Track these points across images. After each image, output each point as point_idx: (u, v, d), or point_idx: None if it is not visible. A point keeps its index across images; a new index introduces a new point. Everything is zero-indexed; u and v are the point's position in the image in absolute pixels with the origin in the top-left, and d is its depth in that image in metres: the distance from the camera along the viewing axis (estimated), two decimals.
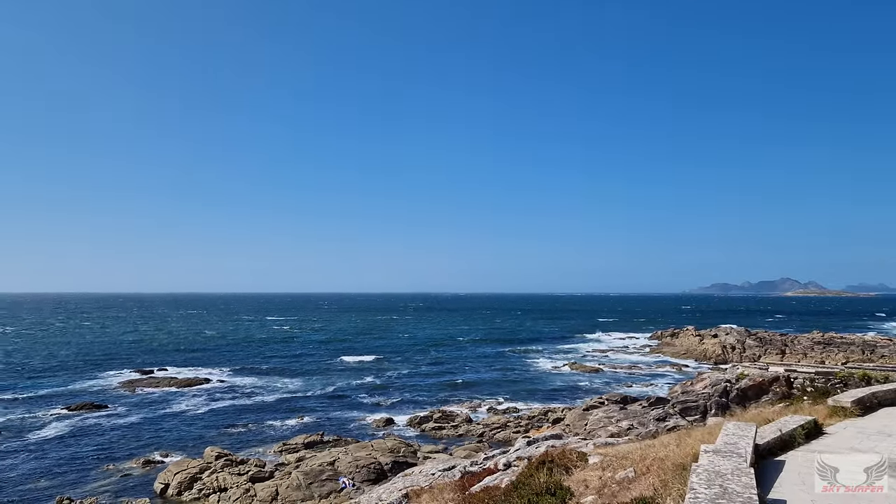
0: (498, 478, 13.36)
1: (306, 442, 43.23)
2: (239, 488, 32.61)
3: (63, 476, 37.22)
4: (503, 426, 48.51)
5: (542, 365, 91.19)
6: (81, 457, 41.48)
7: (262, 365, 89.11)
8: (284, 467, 36.59)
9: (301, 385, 71.49)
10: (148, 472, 37.94)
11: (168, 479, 34.35)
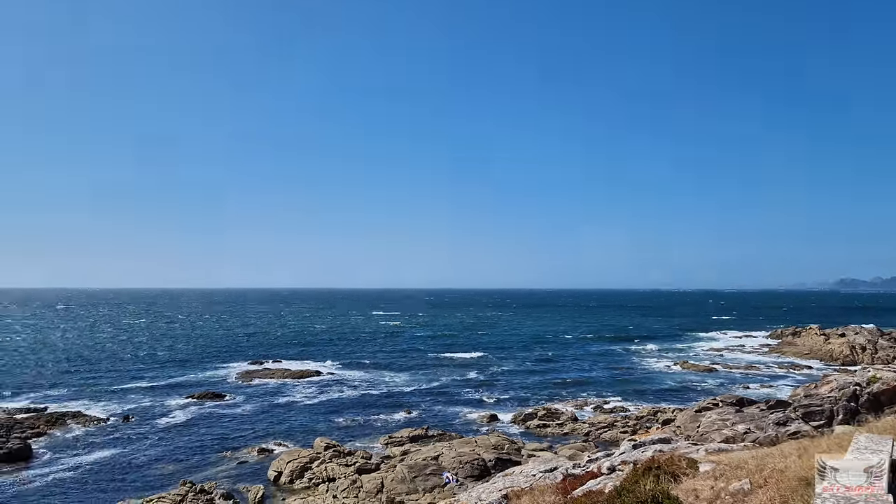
0: (601, 482, 12.81)
1: (411, 436, 43.79)
2: (346, 479, 33.41)
3: (186, 461, 39.52)
4: (610, 426, 47.24)
5: (652, 363, 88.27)
6: (202, 443, 43.91)
7: (369, 359, 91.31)
8: (390, 460, 37.20)
9: (406, 380, 72.64)
10: (262, 459, 39.60)
11: (281, 468, 35.72)
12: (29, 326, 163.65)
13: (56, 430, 46.61)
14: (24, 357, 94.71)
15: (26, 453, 39.51)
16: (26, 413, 51.91)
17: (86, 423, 49.04)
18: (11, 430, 43.63)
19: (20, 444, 39.98)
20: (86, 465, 38.35)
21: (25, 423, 46.59)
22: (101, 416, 51.34)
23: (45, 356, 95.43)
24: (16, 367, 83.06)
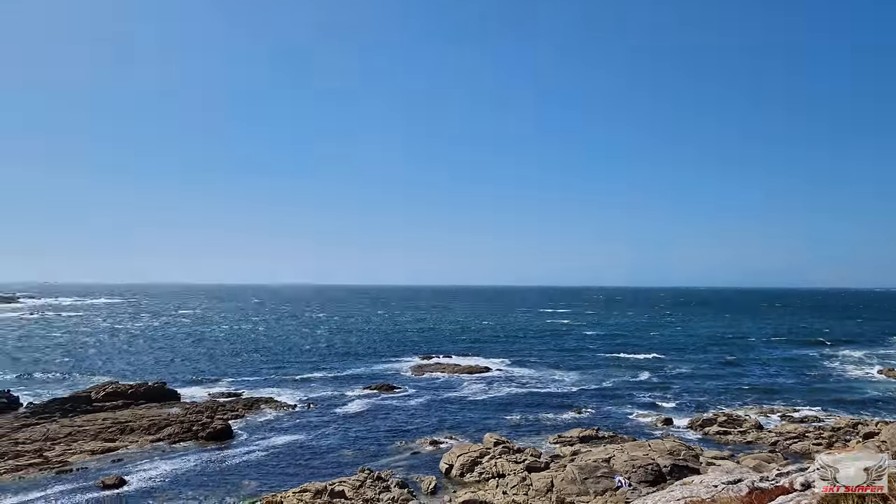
0: (794, 499, 11.63)
1: (581, 436, 42.97)
2: (516, 476, 33.44)
3: (364, 449, 41.66)
4: (800, 436, 43.31)
5: (850, 370, 79.90)
6: (378, 432, 46.07)
7: (537, 357, 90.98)
8: (559, 459, 36.74)
9: (576, 379, 71.47)
10: (434, 451, 40.73)
11: (452, 461, 36.53)
12: (227, 319, 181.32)
13: (251, 413, 51.08)
14: (223, 346, 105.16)
15: (228, 433, 43.66)
16: (226, 397, 57.49)
17: (276, 408, 53.31)
18: (216, 412, 48.52)
19: (223, 425, 44.28)
20: (276, 447, 41.63)
21: (227, 406, 51.59)
22: (290, 403, 55.56)
23: (240, 346, 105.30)
24: (218, 356, 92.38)
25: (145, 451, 40.09)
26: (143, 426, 43.94)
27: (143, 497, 31.54)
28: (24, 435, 41.21)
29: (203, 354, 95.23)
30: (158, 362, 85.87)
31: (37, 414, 47.78)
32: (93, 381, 65.41)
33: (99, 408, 49.65)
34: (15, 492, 32.13)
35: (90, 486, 32.83)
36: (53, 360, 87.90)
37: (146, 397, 53.37)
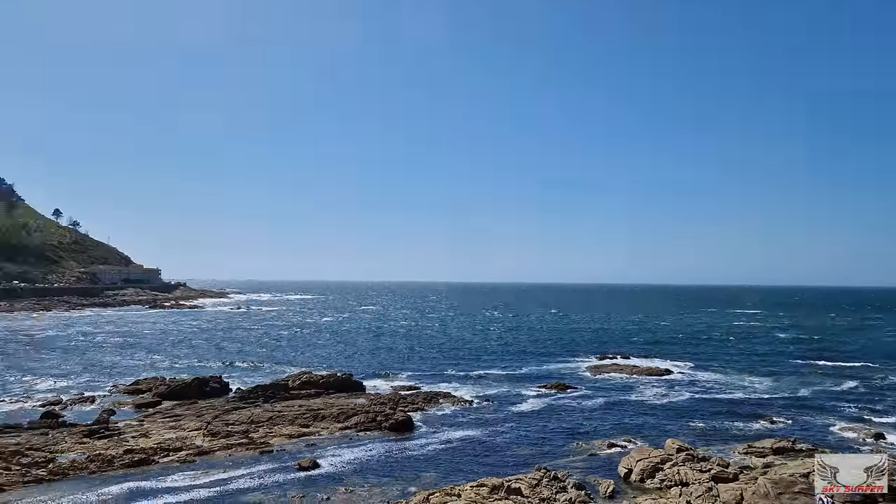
0: None
1: (775, 447, 39.72)
2: (701, 485, 31.65)
3: (539, 447, 41.55)
4: None
5: None
6: (554, 432, 45.73)
7: (723, 361, 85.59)
8: (749, 471, 34.22)
9: (768, 385, 66.29)
10: (612, 454, 39.67)
11: (631, 465, 35.36)
12: (405, 316, 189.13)
13: (430, 407, 52.86)
14: (401, 342, 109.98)
15: (409, 425, 45.53)
16: (407, 390, 60.04)
17: (454, 402, 54.74)
18: (398, 405, 50.83)
19: (404, 417, 46.28)
20: (454, 441, 42.73)
21: (408, 399, 53.86)
22: (467, 398, 56.80)
23: (416, 342, 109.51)
24: (397, 350, 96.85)
25: (335, 437, 42.91)
26: (333, 414, 47.06)
27: (334, 480, 33.76)
28: (233, 417, 45.76)
29: (382, 348, 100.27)
30: (342, 355, 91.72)
31: (244, 399, 52.92)
32: (287, 371, 71.32)
33: (295, 395, 53.94)
34: (226, 467, 35.76)
35: (289, 467, 35.73)
36: (255, 350, 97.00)
37: (335, 387, 57.15)
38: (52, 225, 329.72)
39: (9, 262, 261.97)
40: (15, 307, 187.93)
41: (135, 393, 58.15)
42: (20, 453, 35.75)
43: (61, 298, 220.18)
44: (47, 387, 62.19)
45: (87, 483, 32.90)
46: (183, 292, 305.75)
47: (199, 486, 32.72)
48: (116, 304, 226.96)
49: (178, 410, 49.07)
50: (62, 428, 42.34)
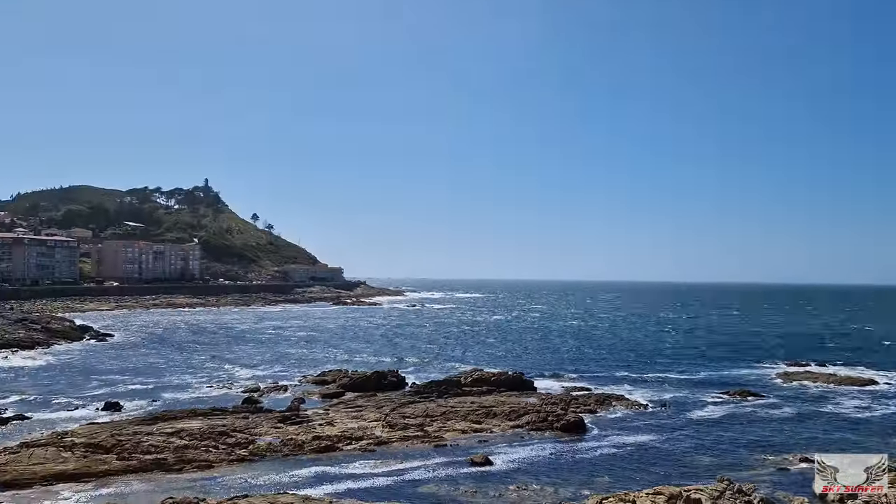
0: None
1: None
2: None
3: (720, 457, 39.13)
4: None
5: None
6: (737, 441, 42.84)
7: None
8: None
9: None
10: (805, 469, 36.37)
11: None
12: (573, 315, 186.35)
13: (602, 409, 51.68)
14: (569, 341, 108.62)
15: (581, 426, 44.86)
16: (578, 391, 59.18)
17: (627, 406, 53.12)
18: (569, 405, 50.28)
19: (576, 418, 45.68)
20: (627, 445, 41.42)
21: (579, 400, 53.09)
22: (641, 402, 54.89)
23: (585, 342, 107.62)
24: (566, 350, 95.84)
25: (506, 435, 43.31)
26: (505, 412, 47.53)
27: (506, 477, 34.09)
28: (409, 410, 47.71)
29: (551, 348, 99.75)
30: (511, 353, 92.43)
31: (419, 393, 55.03)
32: (456, 368, 73.10)
33: (467, 392, 55.16)
34: (402, 458, 37.38)
35: (461, 462, 36.61)
36: (427, 346, 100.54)
37: (506, 385, 57.68)
38: (251, 228, 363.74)
39: (216, 261, 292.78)
40: (220, 302, 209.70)
41: (321, 383, 62.54)
42: (226, 434, 39.77)
43: (258, 294, 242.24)
44: (246, 375, 68.72)
45: (281, 464, 35.91)
46: (363, 290, 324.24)
47: (378, 474, 34.50)
48: (304, 300, 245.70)
49: (359, 402, 52.06)
50: (260, 413, 46.50)
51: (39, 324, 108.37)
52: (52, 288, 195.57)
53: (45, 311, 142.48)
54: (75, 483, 31.65)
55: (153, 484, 31.95)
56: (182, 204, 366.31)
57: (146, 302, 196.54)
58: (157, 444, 36.78)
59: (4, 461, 33.51)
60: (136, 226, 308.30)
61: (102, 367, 73.38)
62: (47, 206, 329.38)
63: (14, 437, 40.12)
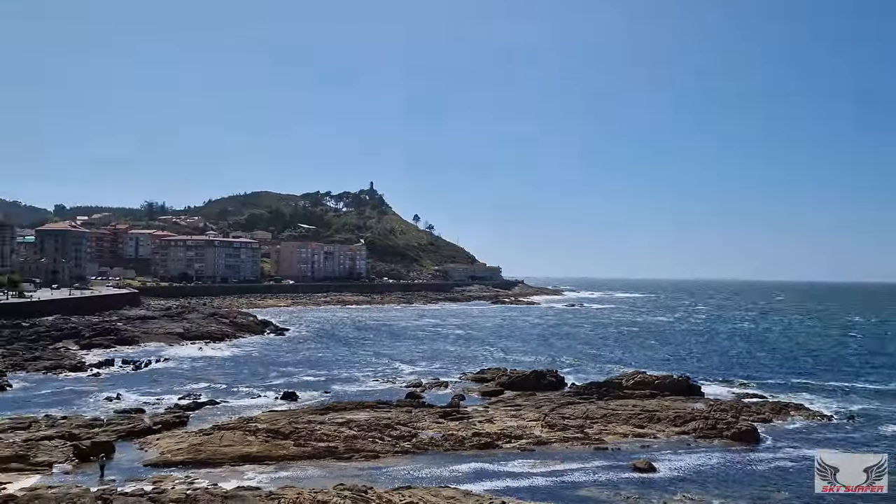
0: None
1: None
2: None
3: None
4: None
5: None
6: None
7: None
8: None
9: None
10: None
11: None
12: (743, 317, 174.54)
13: (778, 418, 47.94)
14: (738, 345, 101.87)
15: (754, 436, 41.94)
16: (750, 398, 55.37)
17: (808, 416, 48.92)
18: (740, 413, 47.21)
19: (748, 427, 42.78)
20: (806, 459, 37.66)
21: (752, 408, 49.65)
22: (825, 413, 50.30)
23: (757, 346, 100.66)
24: (734, 354, 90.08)
25: (671, 441, 41.50)
26: (669, 417, 45.58)
27: (671, 485, 32.70)
28: (569, 411, 47.13)
29: (718, 351, 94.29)
30: (674, 356, 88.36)
31: (578, 394, 54.19)
32: (614, 369, 71.11)
33: (628, 395, 53.49)
34: (561, 459, 37.00)
35: (623, 466, 35.59)
36: (583, 347, 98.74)
37: (670, 389, 55.23)
38: (413, 229, 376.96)
39: (381, 261, 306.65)
40: (384, 300, 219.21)
41: (480, 381, 63.47)
42: (391, 426, 41.54)
43: (420, 293, 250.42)
44: (408, 370, 71.33)
45: (442, 458, 36.88)
46: (521, 289, 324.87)
47: (537, 473, 34.41)
48: (464, 299, 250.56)
49: (518, 400, 52.23)
50: (422, 408, 48.05)
51: (227, 318, 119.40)
52: (237, 285, 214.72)
53: (232, 307, 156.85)
54: (258, 465, 34.55)
55: (325, 470, 34.10)
56: (349, 206, 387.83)
57: (318, 299, 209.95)
58: (328, 433, 39.20)
59: (200, 442, 37.30)
60: (309, 228, 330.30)
61: (280, 359, 79.43)
62: (233, 210, 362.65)
63: (207, 420, 44.49)
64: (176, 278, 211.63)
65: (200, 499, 26.13)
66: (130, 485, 29.78)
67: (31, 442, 36.19)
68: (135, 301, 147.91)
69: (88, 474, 32.32)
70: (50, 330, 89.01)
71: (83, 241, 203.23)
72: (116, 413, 45.47)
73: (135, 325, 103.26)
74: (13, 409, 46.40)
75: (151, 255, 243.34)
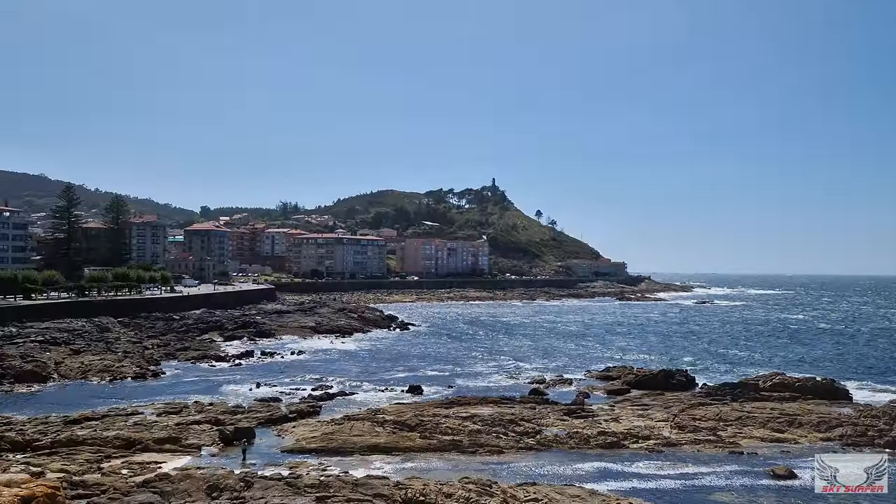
0: None
1: None
2: None
3: None
4: None
5: None
6: None
7: None
8: None
9: None
10: None
11: None
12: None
13: None
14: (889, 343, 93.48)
15: None
16: None
17: None
18: (894, 420, 43.29)
19: None
20: None
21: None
22: None
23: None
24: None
25: (815, 447, 38.60)
26: (812, 422, 42.60)
27: (814, 495, 30.49)
28: (700, 412, 45.13)
29: (864, 352, 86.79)
30: (810, 357, 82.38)
31: (710, 395, 51.74)
32: (745, 370, 67.22)
33: (766, 397, 50.42)
34: (692, 462, 35.53)
35: (760, 472, 33.64)
36: (712, 346, 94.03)
37: (812, 392, 51.52)
38: (535, 224, 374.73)
39: (503, 257, 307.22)
40: (507, 296, 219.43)
41: (605, 379, 62.14)
42: (514, 422, 41.57)
43: (542, 289, 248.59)
44: (530, 367, 70.97)
45: (566, 456, 36.47)
46: (647, 285, 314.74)
47: (665, 476, 33.24)
48: (588, 295, 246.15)
49: (645, 400, 50.65)
50: (546, 405, 47.68)
51: (356, 313, 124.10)
52: (365, 281, 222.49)
53: (359, 302, 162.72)
54: (386, 455, 35.68)
55: (450, 463, 34.67)
56: (472, 203, 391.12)
57: (441, 295, 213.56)
58: (453, 427, 39.80)
59: (332, 431, 39.04)
60: (433, 225, 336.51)
61: (406, 353, 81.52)
62: (360, 209, 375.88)
63: (338, 410, 46.47)
64: (308, 274, 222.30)
65: (332, 485, 27.36)
66: (269, 469, 31.70)
67: (182, 426, 39.40)
68: (271, 296, 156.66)
69: (231, 457, 34.72)
70: (197, 323, 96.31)
71: (226, 240, 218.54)
72: (256, 401, 48.49)
73: (271, 318, 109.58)
74: (167, 395, 50.73)
75: (286, 252, 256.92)
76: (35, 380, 55.76)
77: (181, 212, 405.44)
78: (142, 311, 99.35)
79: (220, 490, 26.53)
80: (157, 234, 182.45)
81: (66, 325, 79.76)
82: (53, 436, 36.19)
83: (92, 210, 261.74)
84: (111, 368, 61.37)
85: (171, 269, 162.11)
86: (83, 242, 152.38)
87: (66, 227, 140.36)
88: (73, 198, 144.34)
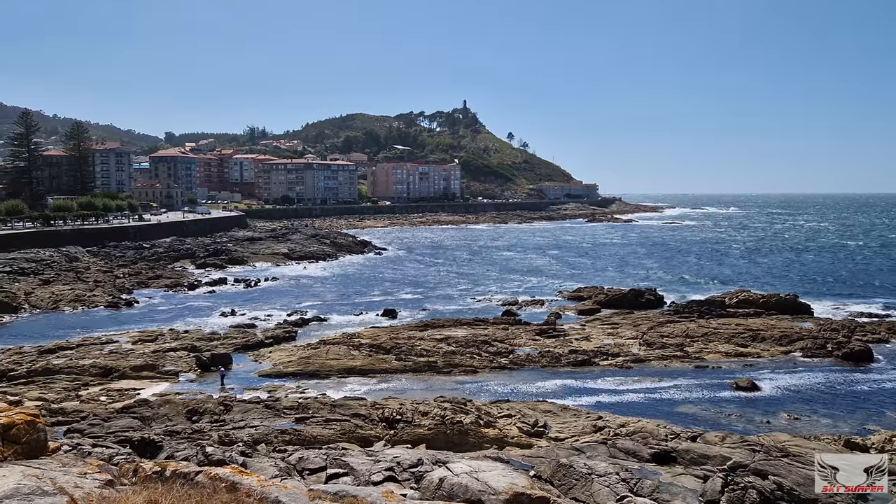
0: None
1: None
2: None
3: None
4: None
5: None
6: None
7: None
8: None
9: None
10: None
11: None
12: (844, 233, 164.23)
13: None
14: (856, 261, 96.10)
15: (867, 356, 40.16)
16: (866, 317, 52.66)
17: None
18: (853, 332, 45.09)
19: (861, 347, 40.93)
20: None
21: (866, 328, 47.26)
22: None
23: (872, 263, 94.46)
24: (856, 272, 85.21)
25: (776, 360, 40.39)
26: (774, 336, 44.21)
27: (775, 403, 32.04)
28: (668, 329, 46.53)
29: (826, 269, 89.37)
30: (773, 273, 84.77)
31: (678, 313, 53.15)
32: (712, 288, 69.00)
33: (731, 314, 52.03)
34: (659, 377, 36.88)
35: (724, 385, 35.10)
36: (679, 264, 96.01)
37: (776, 308, 53.27)
38: (507, 147, 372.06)
39: (475, 180, 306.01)
40: (479, 220, 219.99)
41: (576, 299, 63.38)
42: (488, 343, 42.48)
43: (514, 212, 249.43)
44: (504, 289, 72.02)
45: (539, 374, 37.58)
46: (618, 207, 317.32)
47: (633, 390, 34.52)
48: (559, 217, 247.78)
49: (615, 319, 51.97)
50: (518, 325, 48.72)
51: (329, 239, 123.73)
52: (336, 207, 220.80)
53: (332, 228, 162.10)
54: (362, 377, 36.38)
55: (425, 383, 35.51)
56: (443, 126, 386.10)
57: (414, 219, 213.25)
58: (428, 349, 40.58)
59: (308, 355, 39.56)
60: (404, 149, 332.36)
61: (380, 278, 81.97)
62: (329, 133, 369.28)
63: (313, 335, 46.97)
64: (279, 201, 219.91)
65: (311, 406, 27.93)
66: (248, 393, 32.19)
67: (159, 353, 39.59)
68: (242, 223, 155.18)
69: (209, 383, 35.12)
70: (168, 251, 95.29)
71: (193, 166, 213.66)
72: (231, 328, 48.75)
73: (244, 245, 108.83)
74: (141, 324, 50.67)
75: (255, 178, 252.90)
76: (6, 310, 55.16)
77: (145, 138, 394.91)
78: (111, 241, 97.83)
79: (200, 414, 26.96)
80: (122, 162, 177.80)
81: (33, 255, 78.35)
82: (28, 366, 36.17)
83: (52, 137, 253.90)
84: (83, 298, 60.89)
85: (137, 197, 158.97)
86: (45, 171, 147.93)
87: (25, 154, 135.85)
88: (31, 124, 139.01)
